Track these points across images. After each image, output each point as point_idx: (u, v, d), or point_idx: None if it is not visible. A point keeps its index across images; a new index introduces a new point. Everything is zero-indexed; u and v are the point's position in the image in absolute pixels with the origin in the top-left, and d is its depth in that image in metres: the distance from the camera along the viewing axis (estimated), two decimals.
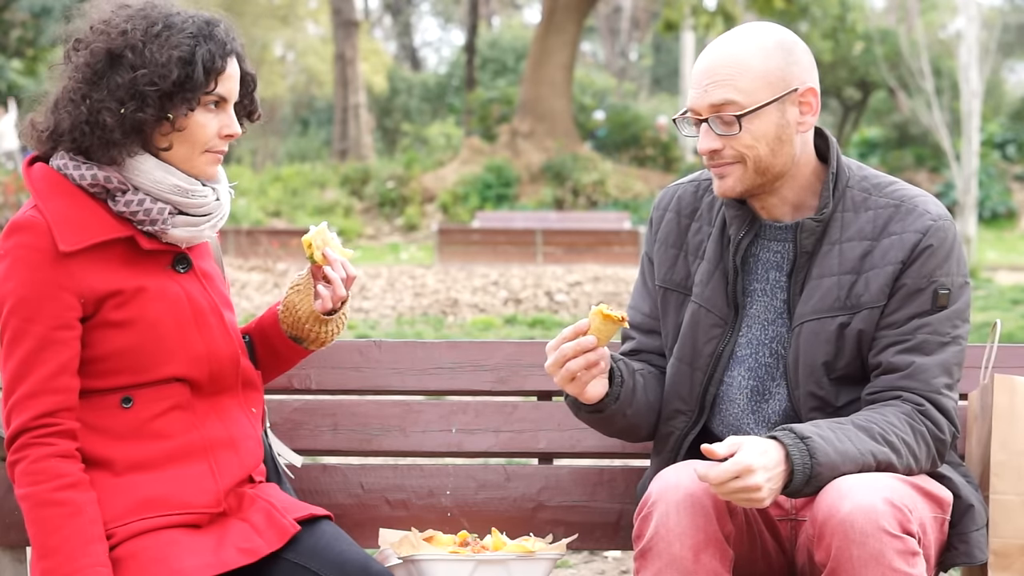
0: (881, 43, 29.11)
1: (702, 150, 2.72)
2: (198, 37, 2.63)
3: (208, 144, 2.67)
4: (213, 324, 2.70)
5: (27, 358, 2.57)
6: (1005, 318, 12.01)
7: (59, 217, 2.59)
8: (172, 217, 2.65)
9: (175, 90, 2.60)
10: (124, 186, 2.63)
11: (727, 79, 2.68)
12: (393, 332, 12.08)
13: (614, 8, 49.98)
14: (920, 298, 2.70)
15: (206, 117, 2.65)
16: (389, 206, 27.18)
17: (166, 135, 2.64)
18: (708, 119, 2.70)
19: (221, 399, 2.71)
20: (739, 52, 2.69)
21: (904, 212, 2.74)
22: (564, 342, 2.66)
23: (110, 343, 2.62)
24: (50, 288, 2.57)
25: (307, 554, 2.64)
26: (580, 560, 4.97)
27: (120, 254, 2.64)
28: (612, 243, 19.67)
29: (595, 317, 2.66)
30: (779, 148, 2.71)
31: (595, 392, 2.71)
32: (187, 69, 2.60)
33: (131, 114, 2.59)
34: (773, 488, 2.51)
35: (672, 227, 2.90)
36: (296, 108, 46.51)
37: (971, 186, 20.02)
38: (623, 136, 30.49)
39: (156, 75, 2.59)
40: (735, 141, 2.69)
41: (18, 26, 28.90)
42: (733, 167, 2.72)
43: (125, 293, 2.62)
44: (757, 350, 2.79)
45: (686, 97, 2.77)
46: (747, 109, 2.67)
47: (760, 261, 2.81)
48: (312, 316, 2.84)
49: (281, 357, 2.91)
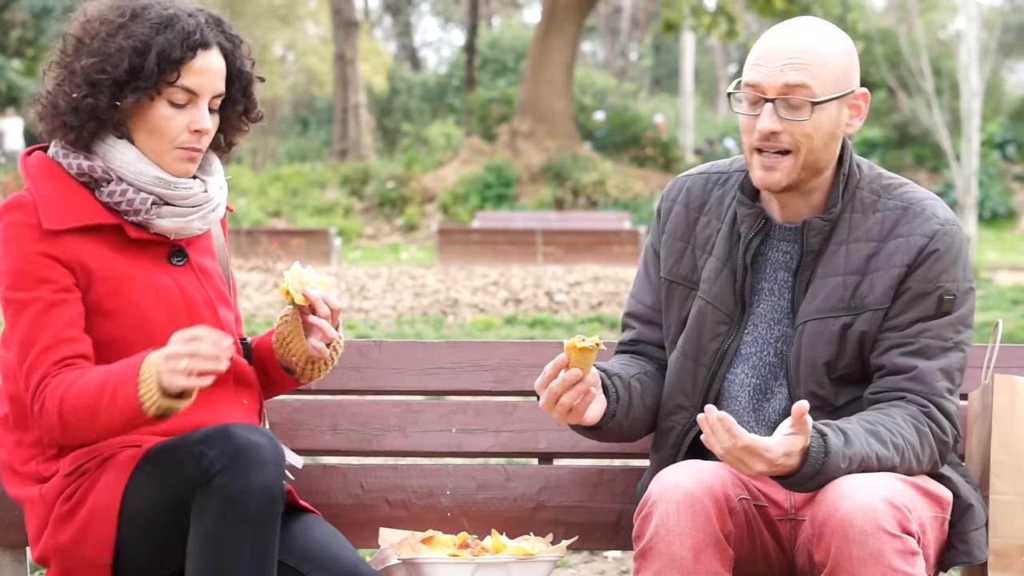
0: (881, 43, 29.09)
1: (762, 129, 2.69)
2: (160, 27, 2.63)
3: (176, 140, 2.66)
4: (207, 319, 2.70)
5: (34, 322, 2.58)
6: (1005, 318, 11.99)
7: (46, 198, 2.63)
8: (157, 208, 2.66)
9: (127, 79, 2.61)
10: (108, 176, 2.65)
11: (805, 64, 2.67)
12: (393, 332, 12.08)
13: (614, 8, 49.98)
14: (925, 302, 2.70)
15: (170, 111, 2.65)
16: (389, 206, 27.18)
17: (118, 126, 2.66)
18: (775, 100, 2.69)
19: (211, 392, 2.70)
20: (816, 42, 2.69)
21: (912, 215, 2.74)
22: (550, 380, 2.65)
23: (99, 332, 2.63)
24: (43, 259, 2.60)
25: (298, 555, 2.64)
26: (580, 560, 4.97)
27: (111, 242, 2.65)
28: (612, 243, 19.65)
29: (570, 351, 2.62)
30: (830, 145, 2.72)
31: (594, 414, 2.71)
32: (140, 59, 2.61)
33: (82, 99, 2.62)
34: (766, 472, 2.52)
35: (680, 220, 2.89)
36: (296, 108, 46.53)
37: (971, 186, 20.02)
38: (623, 136, 30.49)
39: (108, 63, 2.61)
40: (797, 128, 2.68)
41: (18, 26, 28.90)
42: (783, 159, 2.70)
43: (113, 280, 2.63)
44: (762, 349, 2.79)
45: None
46: (819, 99, 2.67)
47: (769, 261, 2.80)
48: (304, 355, 2.81)
49: (272, 382, 2.90)
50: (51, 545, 2.63)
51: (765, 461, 2.50)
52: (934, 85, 22.51)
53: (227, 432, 2.50)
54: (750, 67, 2.73)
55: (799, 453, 2.52)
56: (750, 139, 2.72)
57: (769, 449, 2.50)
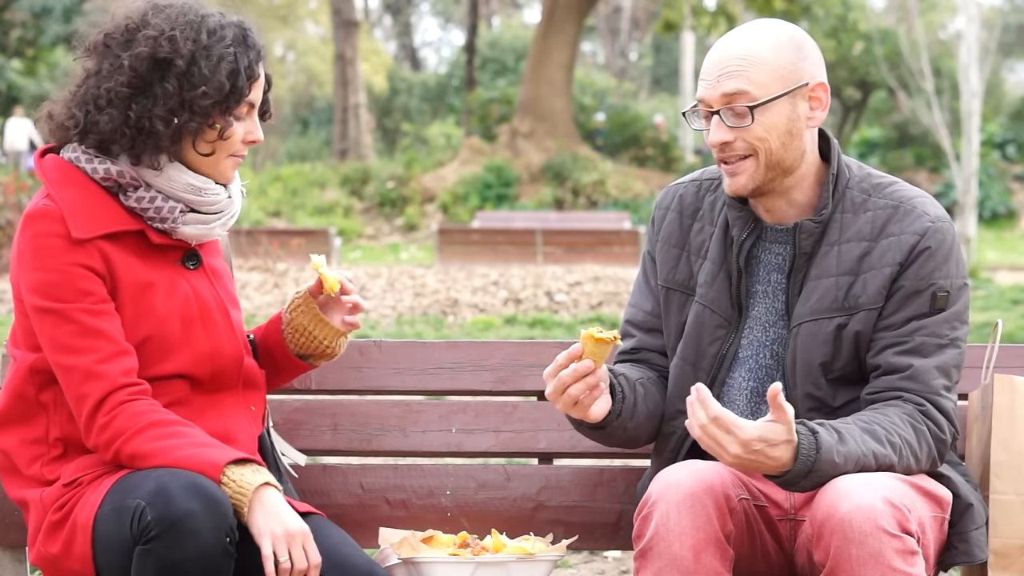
0: (881, 43, 29.11)
1: (712, 142, 2.71)
2: (239, 45, 2.62)
3: (233, 149, 2.67)
4: (219, 322, 2.70)
5: (82, 331, 2.57)
6: (1005, 318, 12.00)
7: (72, 205, 2.60)
8: (183, 215, 2.65)
9: (224, 101, 2.60)
10: (136, 182, 2.64)
11: (739, 70, 2.68)
12: (393, 332, 12.08)
13: (614, 8, 49.98)
14: (918, 300, 2.70)
15: (237, 124, 2.66)
16: (389, 206, 27.18)
17: (211, 142, 2.64)
18: (720, 111, 2.70)
19: (221, 396, 2.71)
20: (751, 45, 2.70)
21: (902, 213, 2.74)
22: (560, 369, 2.64)
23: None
24: (78, 269, 2.58)
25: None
26: (580, 560, 4.97)
27: (132, 247, 2.64)
28: (612, 243, 19.66)
29: (587, 341, 2.63)
30: (789, 142, 2.71)
31: (599, 411, 2.70)
32: (234, 80, 2.61)
33: (183, 124, 2.59)
34: (746, 465, 2.51)
35: (674, 227, 2.90)
36: (296, 108, 46.52)
37: (971, 186, 20.02)
38: (623, 136, 30.49)
39: (210, 87, 2.59)
40: (747, 133, 2.69)
41: (18, 26, 28.91)
42: (745, 163, 2.71)
43: (137, 286, 2.63)
44: (758, 352, 2.79)
45: (689, 95, 2.78)
46: (759, 101, 2.67)
47: (762, 263, 2.80)
48: (333, 336, 2.84)
49: (283, 372, 2.91)
50: (42, 553, 2.64)
51: (739, 442, 2.48)
52: (934, 85, 22.52)
53: (167, 497, 2.43)
54: (699, 83, 2.77)
55: (785, 447, 2.51)
56: (714, 152, 2.75)
57: (739, 427, 2.48)
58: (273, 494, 2.50)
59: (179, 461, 2.50)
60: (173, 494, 2.42)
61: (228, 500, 2.46)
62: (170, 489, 2.43)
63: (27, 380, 2.65)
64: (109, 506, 2.51)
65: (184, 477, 2.46)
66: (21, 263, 2.61)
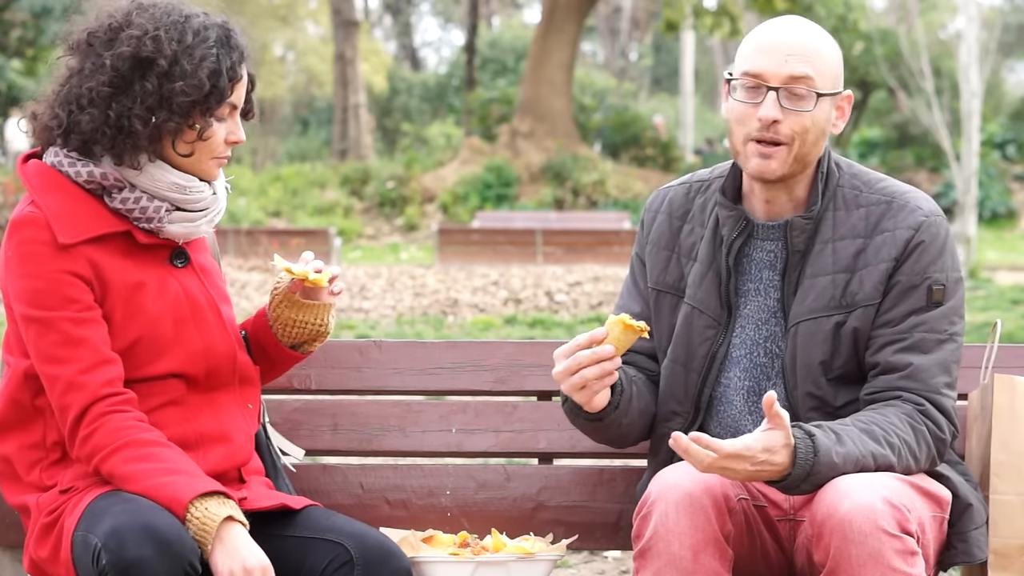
0: (881, 43, 29.10)
1: (764, 117, 2.69)
2: (221, 45, 2.62)
3: (216, 151, 2.67)
4: (211, 320, 2.70)
5: (65, 341, 2.56)
6: (1005, 318, 12.00)
7: (56, 211, 2.60)
8: (169, 214, 2.65)
9: (204, 101, 2.60)
10: (121, 183, 2.63)
11: (808, 57, 2.70)
12: (393, 332, 12.08)
13: (614, 8, 49.99)
14: (915, 295, 2.71)
15: (219, 125, 2.65)
16: (389, 206, 27.17)
17: (190, 143, 2.64)
18: (779, 88, 2.70)
19: (217, 394, 2.71)
20: (817, 40, 2.74)
21: (896, 209, 2.75)
22: (579, 349, 2.64)
23: (112, 342, 2.61)
24: (63, 275, 2.57)
25: (321, 529, 2.65)
26: (580, 560, 4.97)
27: (119, 249, 2.64)
28: (612, 243, 19.65)
29: (615, 326, 2.63)
30: (819, 140, 2.74)
31: (600, 401, 2.71)
32: (215, 80, 2.60)
33: (162, 123, 2.59)
34: (753, 477, 2.52)
35: (664, 229, 2.90)
36: (296, 108, 46.52)
37: (971, 186, 20.01)
38: (623, 136, 30.48)
39: (189, 86, 2.58)
40: (797, 119, 2.70)
41: (18, 26, 28.87)
42: (779, 150, 2.71)
43: (126, 288, 2.62)
44: (752, 350, 2.79)
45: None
46: (823, 92, 2.70)
47: (753, 261, 2.81)
48: (320, 311, 2.84)
49: (278, 364, 2.91)
50: (32, 557, 2.65)
51: (749, 462, 2.50)
52: (934, 85, 22.51)
53: (120, 541, 2.42)
54: (751, 56, 2.74)
55: (784, 451, 2.52)
56: (745, 129, 2.72)
57: (749, 448, 2.50)
58: (235, 530, 2.49)
59: (148, 490, 2.50)
60: (126, 540, 2.42)
61: (185, 540, 2.45)
62: (123, 534, 2.42)
63: (22, 386, 2.65)
64: (81, 532, 2.51)
65: (141, 518, 2.44)
66: (8, 271, 2.61)
